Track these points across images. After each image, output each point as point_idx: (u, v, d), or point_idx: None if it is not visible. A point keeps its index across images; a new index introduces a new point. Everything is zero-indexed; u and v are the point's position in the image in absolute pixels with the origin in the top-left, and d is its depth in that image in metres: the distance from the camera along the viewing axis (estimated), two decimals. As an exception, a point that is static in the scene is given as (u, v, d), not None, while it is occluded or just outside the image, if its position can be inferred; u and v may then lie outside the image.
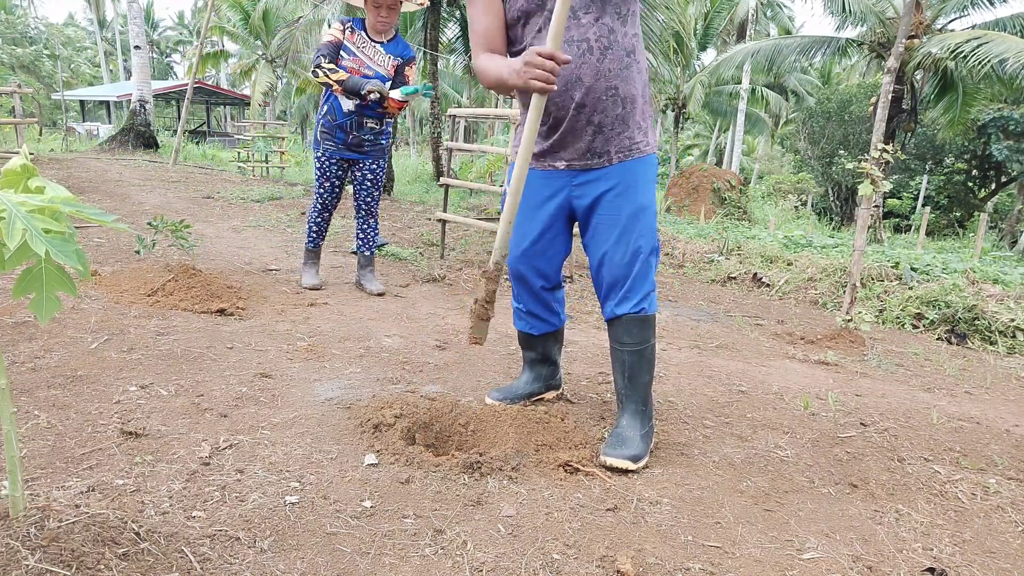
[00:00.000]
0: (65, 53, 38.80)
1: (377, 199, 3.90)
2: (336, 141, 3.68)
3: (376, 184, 3.84)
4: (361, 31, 3.56)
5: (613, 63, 1.91)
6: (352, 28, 3.55)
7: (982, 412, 2.78)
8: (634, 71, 1.96)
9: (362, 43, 3.55)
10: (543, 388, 2.39)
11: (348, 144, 3.69)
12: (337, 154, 3.71)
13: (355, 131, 3.66)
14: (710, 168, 15.87)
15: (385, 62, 3.62)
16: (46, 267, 1.18)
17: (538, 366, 2.38)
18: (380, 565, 1.41)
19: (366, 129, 3.68)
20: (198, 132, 26.29)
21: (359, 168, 3.79)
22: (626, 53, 1.93)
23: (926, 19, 12.22)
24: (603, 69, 1.90)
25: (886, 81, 4.61)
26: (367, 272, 3.99)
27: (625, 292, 1.99)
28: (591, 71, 1.89)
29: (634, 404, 2.03)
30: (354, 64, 3.54)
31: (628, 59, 1.94)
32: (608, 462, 1.89)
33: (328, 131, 3.68)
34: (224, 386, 2.29)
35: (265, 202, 8.02)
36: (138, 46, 13.97)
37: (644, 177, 2.00)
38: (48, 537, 1.25)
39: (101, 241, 4.69)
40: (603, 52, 1.89)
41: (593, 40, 1.89)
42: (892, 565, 1.56)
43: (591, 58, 1.89)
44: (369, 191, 3.84)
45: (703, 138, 36.63)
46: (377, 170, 3.81)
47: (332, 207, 3.87)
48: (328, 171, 3.75)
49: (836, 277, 5.55)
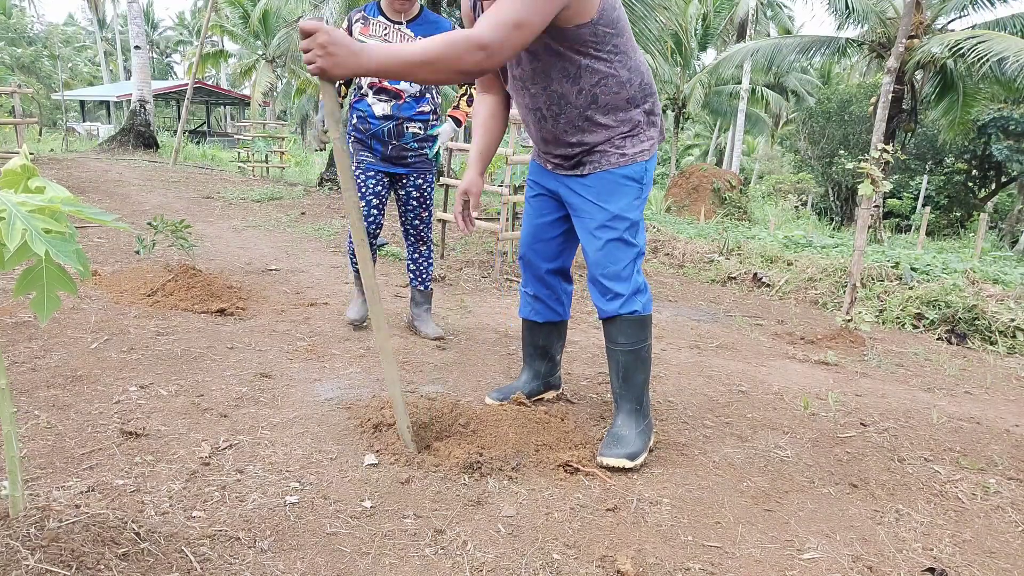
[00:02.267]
0: (65, 52, 38.82)
1: (428, 221, 3.15)
2: (374, 153, 2.97)
3: (425, 203, 3.10)
4: (378, 16, 2.84)
5: (568, 124, 1.95)
6: (364, 18, 2.85)
7: (982, 412, 2.78)
8: (599, 113, 1.93)
9: (383, 30, 2.83)
10: (542, 387, 2.39)
11: (389, 157, 2.97)
12: (375, 166, 2.99)
13: (395, 139, 2.93)
14: (710, 168, 15.86)
15: None
16: (47, 266, 1.18)
17: (537, 362, 2.38)
18: (380, 565, 1.41)
19: (408, 136, 2.94)
20: (198, 132, 26.29)
21: (403, 185, 3.06)
22: (585, 106, 1.91)
23: (926, 19, 12.22)
24: (559, 130, 1.97)
25: (886, 81, 4.62)
26: (423, 312, 3.26)
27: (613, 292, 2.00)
28: (552, 132, 1.99)
29: (629, 403, 2.04)
30: None
31: (590, 110, 1.92)
32: (605, 462, 1.90)
33: (363, 143, 2.97)
34: (224, 386, 2.29)
35: (265, 202, 8.03)
36: (138, 46, 13.98)
37: (618, 186, 1.98)
38: (48, 537, 1.25)
39: (101, 241, 4.70)
40: (555, 118, 1.95)
41: (544, 109, 1.95)
42: (892, 565, 1.56)
43: (547, 124, 1.98)
44: (416, 211, 3.10)
45: (703, 138, 36.65)
46: (424, 186, 3.07)
47: (375, 228, 3.07)
48: (365, 186, 2.99)
49: (836, 277, 5.55)
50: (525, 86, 1.94)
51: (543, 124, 1.98)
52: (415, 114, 2.93)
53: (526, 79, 1.92)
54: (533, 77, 1.90)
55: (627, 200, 1.99)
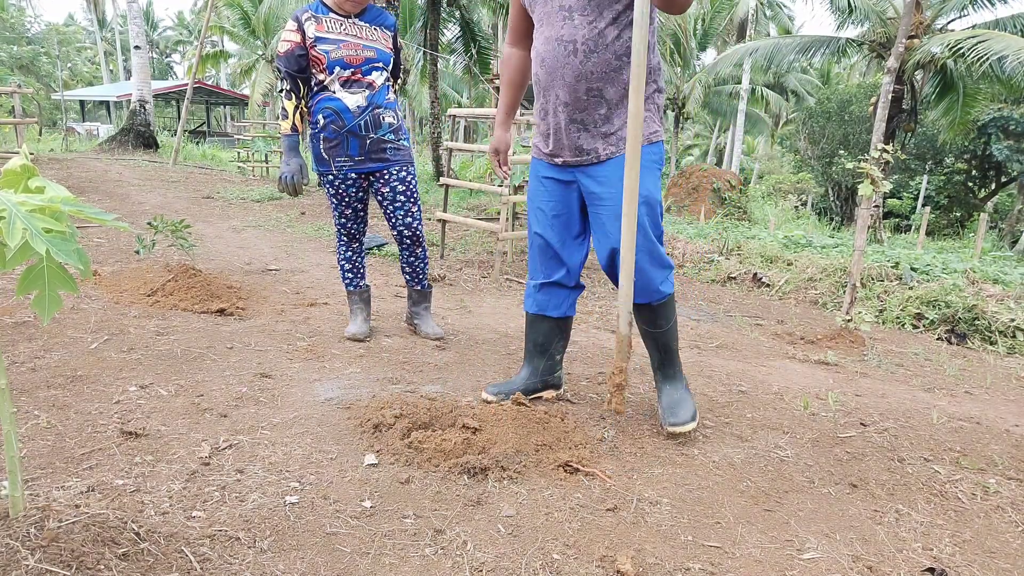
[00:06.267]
0: (63, 52, 38.78)
1: (418, 216, 2.94)
2: (350, 153, 2.78)
3: (411, 196, 2.90)
4: (327, 13, 2.70)
5: (597, 66, 1.97)
6: (315, 17, 2.69)
7: (982, 412, 2.78)
8: (625, 68, 1.98)
9: (339, 25, 2.70)
10: (540, 385, 2.39)
11: (367, 153, 2.79)
12: (353, 170, 2.81)
13: (372, 132, 2.77)
14: (710, 168, 15.86)
15: (376, 35, 2.77)
16: (48, 266, 1.18)
17: (537, 359, 2.37)
18: (380, 565, 1.41)
19: (385, 127, 2.79)
20: (198, 132, 26.30)
21: (384, 181, 2.85)
22: (616, 56, 1.97)
23: (926, 19, 12.22)
24: (585, 71, 1.98)
25: (886, 81, 4.62)
26: (421, 310, 3.14)
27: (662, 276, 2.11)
28: (572, 72, 1.99)
29: (671, 369, 2.23)
30: (349, 51, 2.69)
31: (619, 62, 1.97)
32: (679, 430, 2.10)
33: (336, 143, 2.77)
34: (224, 386, 2.29)
35: (265, 202, 8.03)
36: (138, 46, 13.98)
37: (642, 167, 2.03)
38: (48, 537, 1.25)
39: (101, 241, 4.70)
40: (587, 55, 1.96)
41: (580, 42, 1.96)
42: (892, 565, 1.56)
43: (574, 60, 1.97)
44: (405, 207, 2.89)
45: (703, 138, 36.65)
46: (408, 178, 2.88)
47: (360, 235, 2.99)
48: (346, 195, 2.86)
49: (836, 277, 5.55)
50: (571, 15, 1.97)
51: (570, 60, 1.98)
52: (386, 102, 2.80)
53: (574, 9, 1.97)
54: (585, 8, 1.95)
55: (652, 180, 2.05)
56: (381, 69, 2.77)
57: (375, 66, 2.75)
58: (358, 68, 2.71)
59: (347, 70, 2.69)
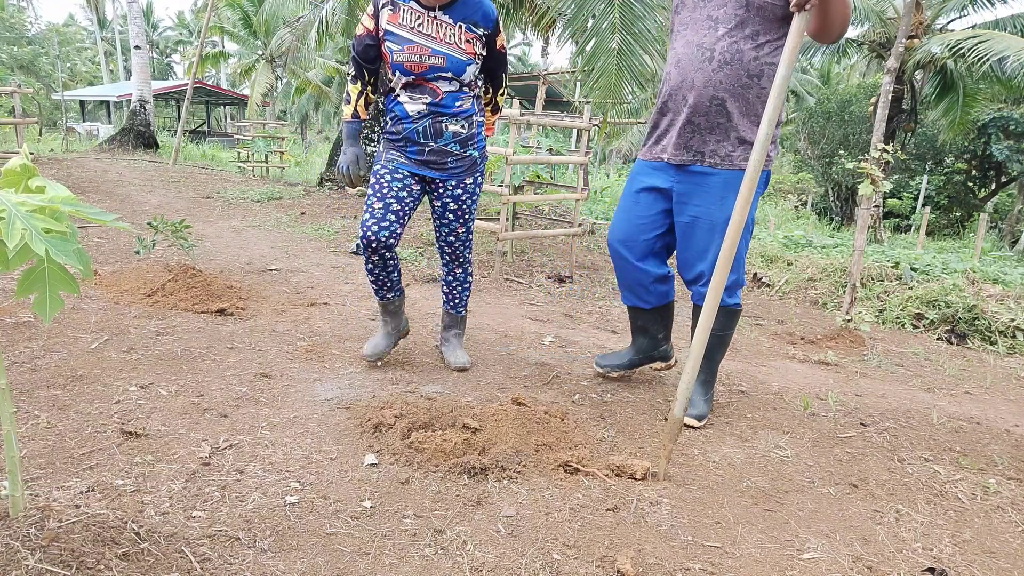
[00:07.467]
0: (63, 51, 38.80)
1: (463, 238, 2.67)
2: (407, 155, 2.52)
3: (461, 216, 2.61)
4: (409, 2, 2.40)
5: (728, 77, 2.09)
6: (392, 4, 2.41)
7: (982, 412, 2.79)
8: (753, 94, 2.11)
9: (415, 19, 2.40)
10: (641, 359, 2.67)
11: (424, 160, 2.52)
12: (406, 167, 2.52)
13: (432, 140, 2.48)
14: (710, 168, 15.82)
15: (456, 37, 2.41)
16: (48, 266, 1.18)
17: (640, 338, 2.64)
18: (380, 565, 1.41)
19: (448, 135, 2.48)
20: (198, 132, 26.30)
21: (438, 195, 2.58)
22: (747, 75, 2.09)
23: (926, 19, 12.23)
24: (715, 79, 2.11)
25: (886, 81, 4.61)
26: (451, 336, 2.86)
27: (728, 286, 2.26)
28: (703, 78, 2.12)
29: (704, 375, 2.37)
30: (412, 56, 2.39)
31: (748, 80, 2.09)
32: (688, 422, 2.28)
33: (396, 144, 2.54)
34: (224, 386, 2.29)
35: (265, 202, 8.03)
36: (138, 46, 13.99)
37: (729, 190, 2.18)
38: (48, 537, 1.25)
39: (101, 241, 4.70)
40: (721, 66, 2.09)
41: (717, 52, 2.09)
42: (892, 565, 1.56)
43: (708, 67, 2.11)
44: (452, 227, 2.62)
45: (703, 138, 36.57)
46: (463, 196, 2.58)
47: (389, 237, 2.46)
48: (387, 186, 2.49)
49: (836, 277, 5.55)
50: (716, 25, 2.10)
51: (704, 66, 2.11)
52: (455, 110, 2.47)
53: (720, 20, 2.09)
54: (730, 20, 2.07)
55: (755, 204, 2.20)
56: (450, 79, 2.44)
57: (442, 75, 2.42)
58: (420, 76, 2.42)
59: (408, 76, 2.43)
